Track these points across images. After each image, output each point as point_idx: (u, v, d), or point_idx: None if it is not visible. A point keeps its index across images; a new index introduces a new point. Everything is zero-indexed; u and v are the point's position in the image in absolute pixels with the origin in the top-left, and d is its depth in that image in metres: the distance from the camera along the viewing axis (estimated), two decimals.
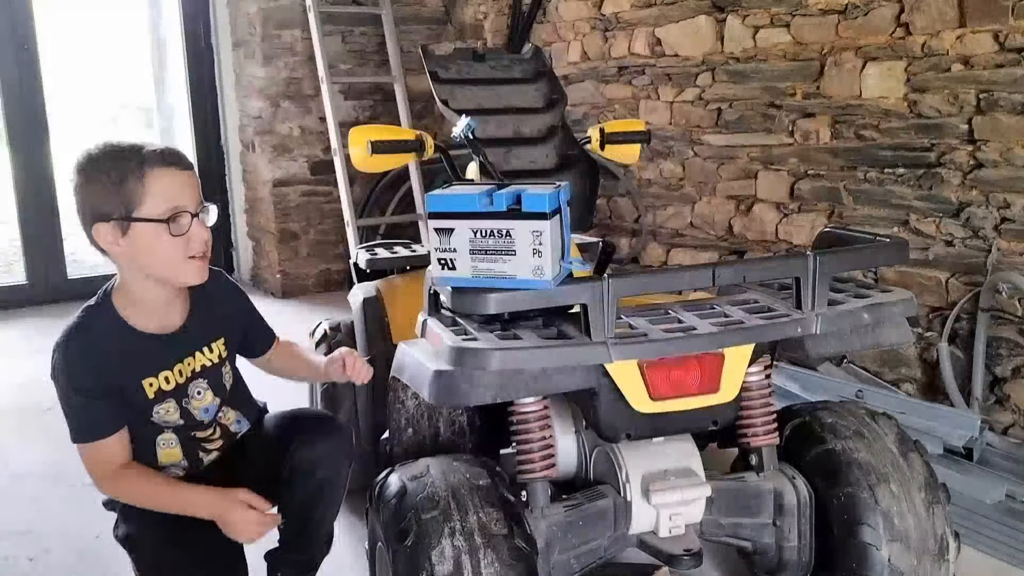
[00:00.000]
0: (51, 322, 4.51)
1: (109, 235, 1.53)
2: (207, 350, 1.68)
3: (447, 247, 1.35)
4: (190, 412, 1.66)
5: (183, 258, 1.55)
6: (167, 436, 1.65)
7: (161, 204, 1.52)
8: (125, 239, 1.53)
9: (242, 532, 1.57)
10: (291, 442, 1.71)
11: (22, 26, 4.62)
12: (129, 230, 1.52)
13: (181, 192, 1.54)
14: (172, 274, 1.58)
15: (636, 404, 1.44)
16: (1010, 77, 2.52)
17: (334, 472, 1.75)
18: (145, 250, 1.54)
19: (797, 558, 1.70)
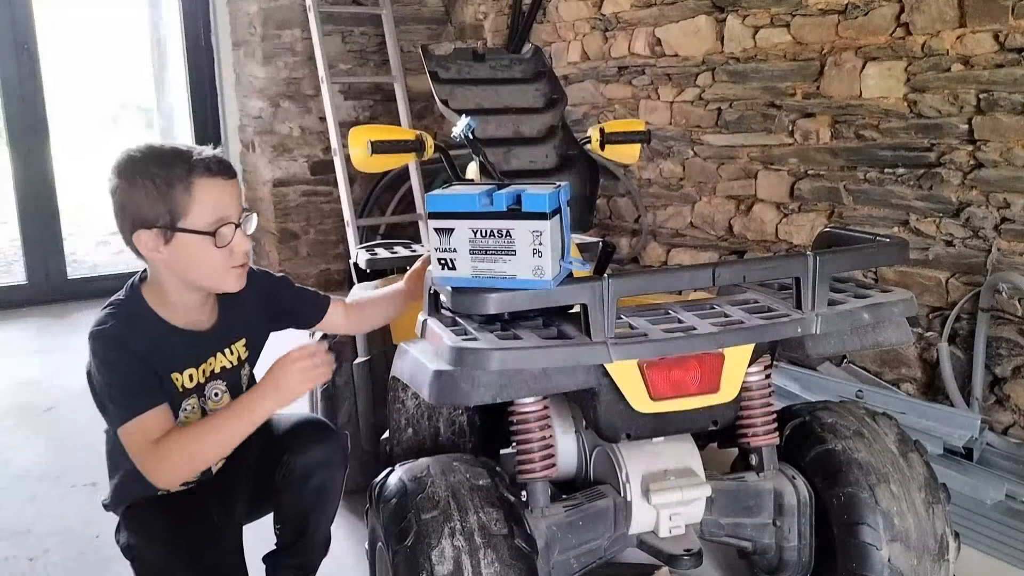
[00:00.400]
0: (51, 322, 4.52)
1: (151, 242, 1.51)
2: (228, 351, 1.67)
3: (447, 247, 1.35)
4: (207, 412, 1.65)
5: (226, 268, 1.55)
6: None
7: (208, 215, 1.50)
8: (167, 247, 1.52)
9: (302, 384, 1.52)
10: (285, 449, 1.71)
11: (22, 26, 4.62)
12: (172, 239, 1.51)
13: (227, 203, 1.53)
14: (212, 284, 1.58)
15: (636, 404, 1.44)
16: (1010, 77, 2.52)
17: (329, 478, 1.75)
18: (187, 260, 1.53)
19: (797, 558, 1.70)
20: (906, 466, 1.63)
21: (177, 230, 1.50)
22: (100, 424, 1.67)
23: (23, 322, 4.55)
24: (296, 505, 1.77)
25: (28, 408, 3.30)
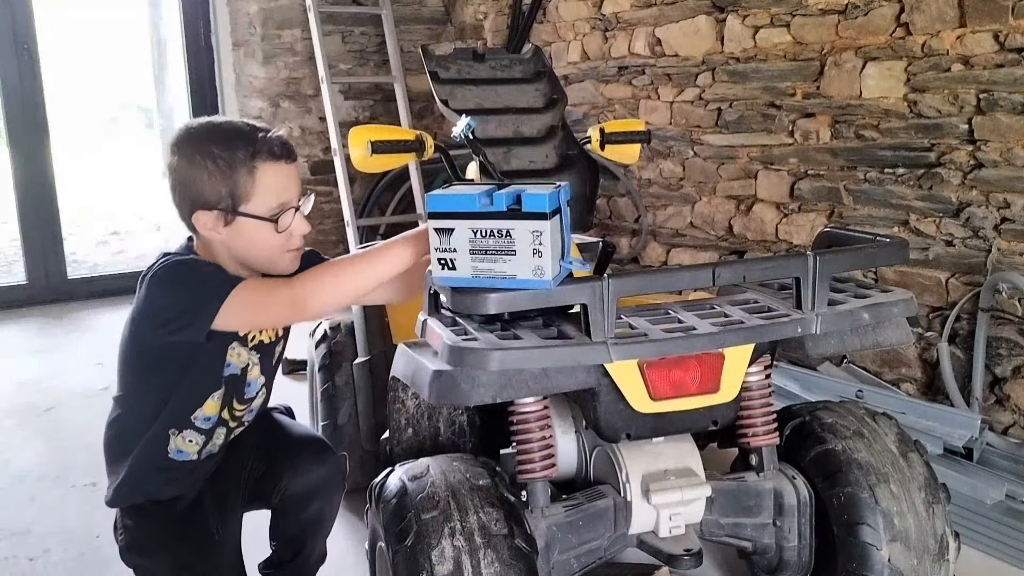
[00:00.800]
0: (51, 322, 4.52)
1: (210, 223, 1.49)
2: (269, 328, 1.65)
3: (447, 247, 1.35)
4: (243, 378, 1.64)
5: (283, 251, 1.54)
6: (217, 394, 1.61)
7: (270, 200, 1.48)
8: (226, 229, 1.49)
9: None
10: (284, 471, 1.71)
11: (22, 26, 4.62)
12: (233, 222, 1.48)
13: (288, 187, 1.51)
14: (267, 266, 1.56)
15: (636, 404, 1.44)
16: (1010, 77, 2.52)
17: (326, 504, 1.77)
18: (246, 242, 1.51)
19: (797, 558, 1.70)
20: (906, 466, 1.63)
21: (239, 214, 1.47)
22: (100, 424, 1.68)
23: (23, 322, 4.55)
24: (293, 528, 1.78)
25: (28, 408, 3.30)
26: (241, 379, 1.65)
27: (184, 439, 1.63)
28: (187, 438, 1.64)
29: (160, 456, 1.63)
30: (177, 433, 1.63)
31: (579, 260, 1.59)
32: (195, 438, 1.64)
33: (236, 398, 1.66)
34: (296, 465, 1.72)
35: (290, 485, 1.70)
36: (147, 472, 1.63)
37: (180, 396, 1.60)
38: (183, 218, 1.53)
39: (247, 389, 1.67)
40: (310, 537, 1.79)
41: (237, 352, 1.61)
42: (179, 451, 1.64)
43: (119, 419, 1.67)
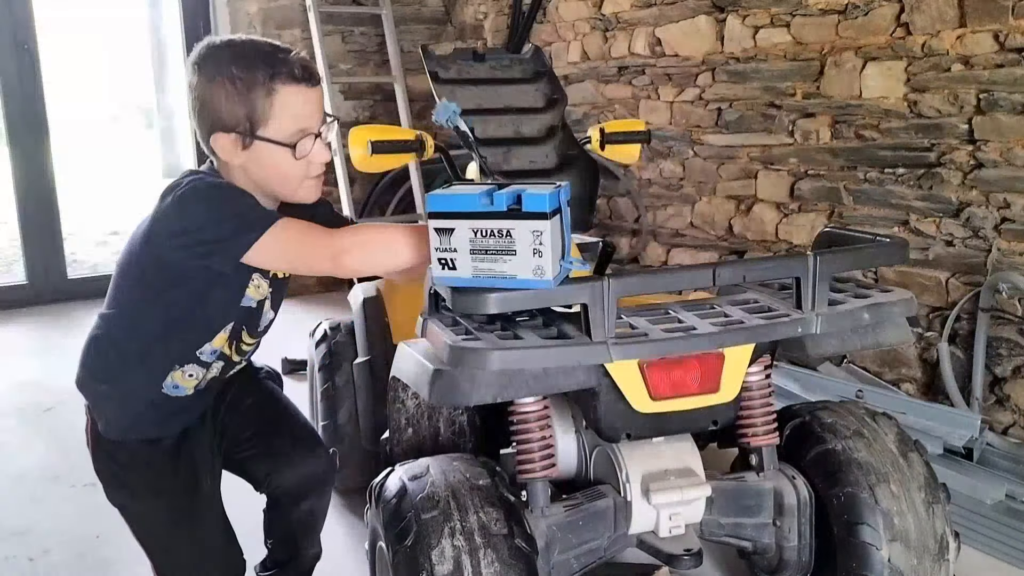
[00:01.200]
0: (51, 322, 4.52)
1: (228, 146, 1.45)
2: None
3: (447, 247, 1.35)
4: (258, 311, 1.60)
5: (301, 179, 1.48)
6: (230, 326, 1.58)
7: (289, 125, 1.43)
8: (245, 153, 1.45)
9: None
10: (278, 461, 1.70)
11: (22, 26, 4.62)
12: (251, 146, 1.44)
13: (309, 112, 1.45)
14: (286, 193, 1.51)
15: (636, 404, 1.44)
16: (1010, 77, 2.52)
17: (317, 500, 1.77)
18: (264, 168, 1.46)
19: (797, 558, 1.70)
20: (906, 466, 1.63)
21: (256, 138, 1.43)
22: None
23: (23, 322, 4.55)
24: (285, 527, 1.79)
25: (28, 408, 3.30)
26: (256, 312, 1.59)
27: (184, 374, 1.58)
28: (187, 372, 1.58)
29: (154, 390, 1.58)
30: (179, 367, 1.57)
31: (579, 260, 1.59)
32: (195, 372, 1.59)
33: (248, 331, 1.61)
34: (291, 458, 1.71)
35: (283, 478, 1.69)
36: (137, 407, 1.59)
37: (191, 327, 1.54)
38: (202, 140, 1.48)
39: (260, 322, 1.62)
40: (303, 536, 1.80)
41: (257, 284, 1.55)
42: (175, 386, 1.59)
43: (105, 338, 1.60)
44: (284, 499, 1.74)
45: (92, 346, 1.63)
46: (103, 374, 1.62)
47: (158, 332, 1.55)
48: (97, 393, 1.63)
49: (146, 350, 1.57)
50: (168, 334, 1.55)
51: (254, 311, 1.60)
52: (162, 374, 1.58)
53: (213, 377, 1.65)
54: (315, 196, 1.54)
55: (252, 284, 1.56)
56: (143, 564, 1.96)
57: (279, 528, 1.80)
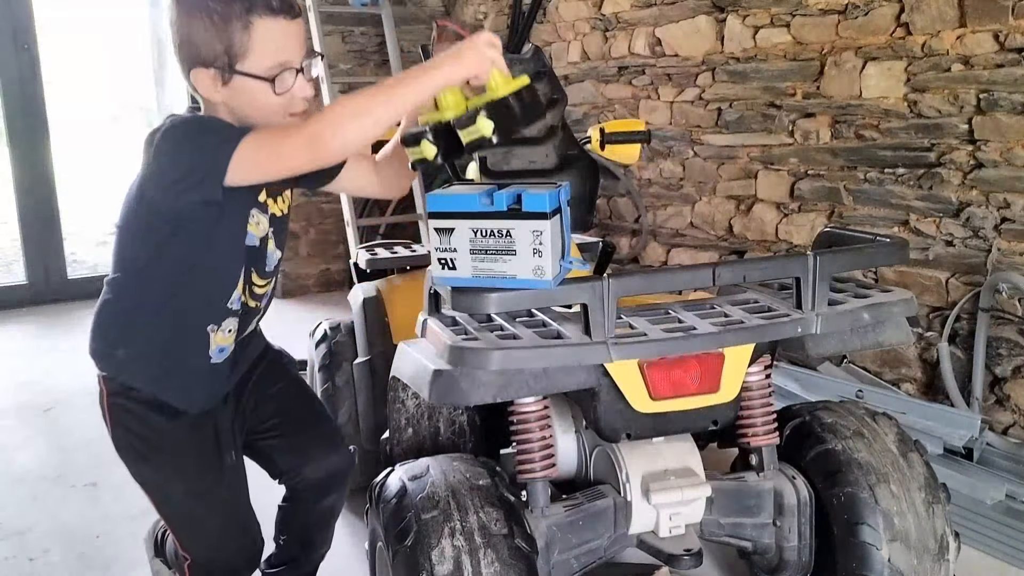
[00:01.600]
0: (51, 322, 4.52)
1: (208, 82, 1.42)
2: (280, 199, 1.58)
3: (447, 247, 1.35)
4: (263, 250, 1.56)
5: (283, 115, 1.44)
6: (243, 272, 1.54)
7: (267, 59, 1.40)
8: (225, 89, 1.42)
9: (480, 62, 1.41)
10: (305, 455, 1.71)
11: (22, 26, 4.62)
12: (230, 81, 1.41)
13: (289, 46, 1.41)
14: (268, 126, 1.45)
15: (636, 404, 1.44)
16: (1010, 77, 2.52)
17: (339, 495, 1.78)
18: (245, 104, 1.44)
19: (797, 558, 1.70)
20: (906, 466, 1.63)
21: (235, 73, 1.40)
22: (100, 424, 1.66)
23: (23, 322, 4.55)
24: (304, 522, 1.79)
25: (28, 408, 3.30)
26: (261, 250, 1.56)
27: (224, 332, 1.53)
28: (226, 328, 1.54)
29: (203, 363, 1.54)
30: (217, 328, 1.53)
31: (579, 260, 1.59)
32: (233, 325, 1.54)
33: (257, 272, 1.57)
34: (319, 452, 1.71)
35: (310, 471, 1.70)
36: (159, 371, 1.54)
37: (207, 278, 1.50)
38: (184, 77, 1.46)
39: (267, 262, 1.59)
40: (319, 532, 1.80)
41: (257, 221, 1.52)
42: (220, 349, 1.55)
43: (115, 302, 1.56)
44: (306, 493, 1.74)
45: (103, 312, 1.57)
46: (118, 338, 1.56)
47: (168, 289, 1.51)
48: (114, 358, 1.57)
49: (157, 304, 1.52)
50: (183, 290, 1.50)
51: (259, 250, 1.55)
52: (205, 341, 1.52)
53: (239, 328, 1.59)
54: None
55: (252, 221, 1.51)
56: (143, 565, 1.97)
57: (297, 523, 1.80)
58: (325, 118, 1.36)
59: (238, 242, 1.50)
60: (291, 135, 1.37)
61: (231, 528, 1.66)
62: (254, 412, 1.71)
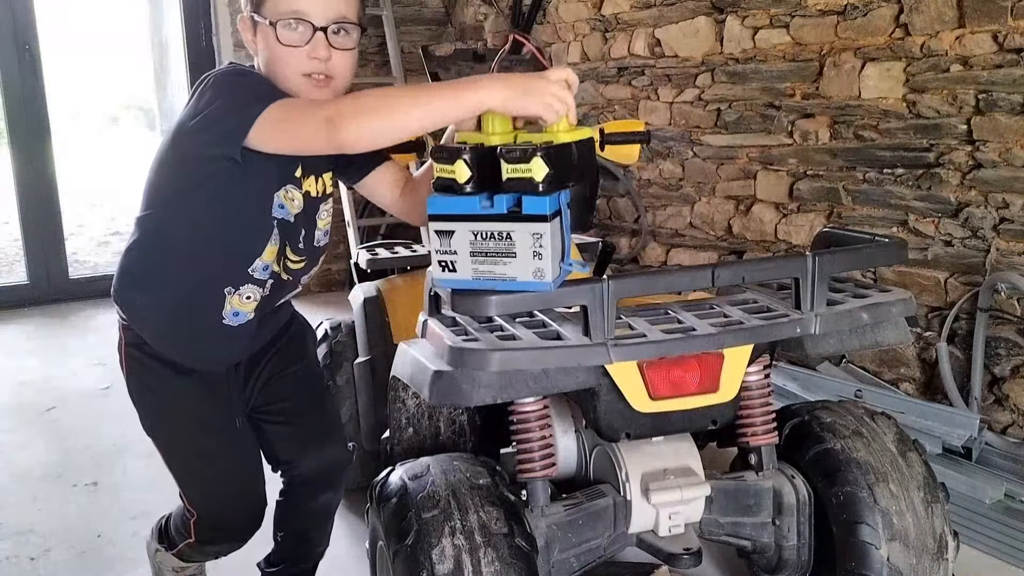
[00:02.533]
0: (52, 322, 4.53)
1: (246, 29, 1.47)
2: (316, 179, 1.58)
3: (447, 249, 1.35)
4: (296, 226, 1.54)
5: (296, 73, 1.43)
6: (274, 237, 1.52)
7: (280, 6, 1.41)
8: (256, 36, 1.46)
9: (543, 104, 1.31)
10: (307, 446, 1.71)
11: (24, 27, 4.63)
12: (257, 28, 1.44)
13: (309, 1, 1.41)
14: (288, 85, 1.44)
15: (636, 404, 1.44)
16: (1009, 77, 2.52)
17: (335, 494, 1.79)
18: (264, 54, 1.45)
19: (796, 557, 1.70)
20: (905, 465, 1.64)
21: (254, 15, 1.44)
22: (102, 424, 1.68)
23: (25, 322, 4.55)
24: (301, 517, 1.79)
25: (29, 408, 3.31)
26: (294, 227, 1.55)
27: (242, 296, 1.52)
28: (245, 295, 1.53)
29: (214, 323, 1.53)
30: (234, 291, 1.52)
31: (579, 261, 1.59)
32: (253, 293, 1.53)
33: (291, 247, 1.56)
34: (320, 444, 1.72)
35: (308, 463, 1.71)
36: (193, 340, 1.55)
37: (227, 235, 1.49)
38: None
39: (299, 239, 1.57)
40: (316, 528, 1.80)
41: (291, 196, 1.51)
42: (235, 312, 1.53)
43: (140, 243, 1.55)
44: (303, 488, 1.74)
45: (129, 252, 1.57)
46: (139, 281, 1.56)
47: (191, 237, 1.50)
48: (133, 303, 1.57)
49: (186, 261, 1.51)
50: (203, 246, 1.50)
51: (291, 224, 1.54)
52: (220, 303, 1.51)
53: (266, 297, 1.57)
54: (317, 97, 1.46)
55: (285, 195, 1.50)
56: (144, 563, 1.97)
57: (294, 520, 1.80)
58: (345, 104, 1.34)
59: (265, 211, 1.49)
60: (311, 112, 1.35)
61: (234, 489, 1.67)
62: (263, 390, 1.70)
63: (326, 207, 1.63)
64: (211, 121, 1.38)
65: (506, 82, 1.32)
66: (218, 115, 1.37)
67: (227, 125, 1.36)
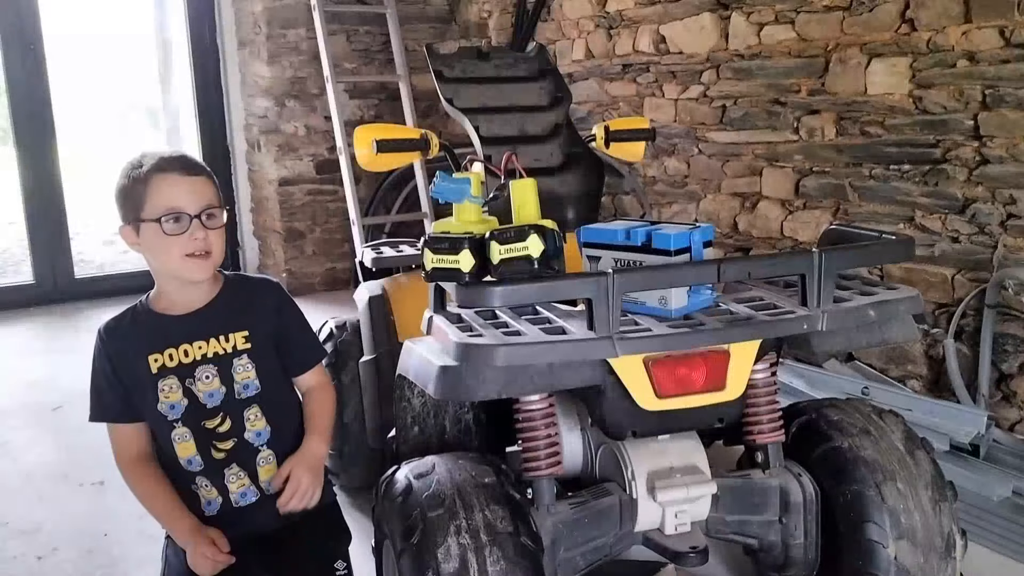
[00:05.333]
0: (58, 321, 4.54)
1: (130, 237, 1.68)
2: (223, 339, 1.71)
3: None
4: (195, 394, 1.69)
5: (180, 256, 1.64)
6: (181, 430, 1.69)
7: (159, 205, 1.62)
8: (139, 238, 1.66)
9: (196, 567, 1.66)
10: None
11: (28, 27, 4.63)
12: (140, 230, 1.65)
13: (178, 195, 1.63)
14: (175, 269, 1.67)
15: (642, 402, 1.44)
16: (1016, 73, 2.51)
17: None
18: (150, 248, 1.66)
19: (803, 555, 1.70)
20: (912, 464, 1.63)
21: (138, 221, 1.64)
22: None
23: (31, 322, 4.56)
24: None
25: (36, 407, 3.32)
26: (195, 407, 1.69)
27: (204, 488, 1.72)
28: (202, 484, 1.72)
29: (199, 514, 1.71)
30: (195, 486, 1.72)
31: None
32: (205, 481, 1.72)
33: (204, 421, 1.70)
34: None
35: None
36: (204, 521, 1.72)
37: (157, 440, 1.73)
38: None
39: (206, 402, 1.69)
40: None
41: (168, 385, 1.69)
42: (208, 503, 1.72)
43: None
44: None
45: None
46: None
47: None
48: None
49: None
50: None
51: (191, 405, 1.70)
52: (193, 497, 1.73)
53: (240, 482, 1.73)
54: (202, 274, 1.68)
55: (163, 389, 1.70)
56: (151, 563, 1.97)
57: None
58: (126, 476, 1.76)
59: (154, 414, 1.71)
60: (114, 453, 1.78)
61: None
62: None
63: (242, 363, 1.73)
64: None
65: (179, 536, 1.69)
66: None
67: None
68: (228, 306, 1.73)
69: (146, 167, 1.64)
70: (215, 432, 1.70)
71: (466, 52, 2.50)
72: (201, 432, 1.69)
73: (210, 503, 1.72)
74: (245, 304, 1.74)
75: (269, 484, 1.72)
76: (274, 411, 1.75)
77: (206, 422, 1.70)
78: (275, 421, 1.74)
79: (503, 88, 2.43)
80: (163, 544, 1.78)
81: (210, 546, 1.64)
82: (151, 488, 1.72)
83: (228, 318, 1.72)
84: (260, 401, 1.73)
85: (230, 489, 1.72)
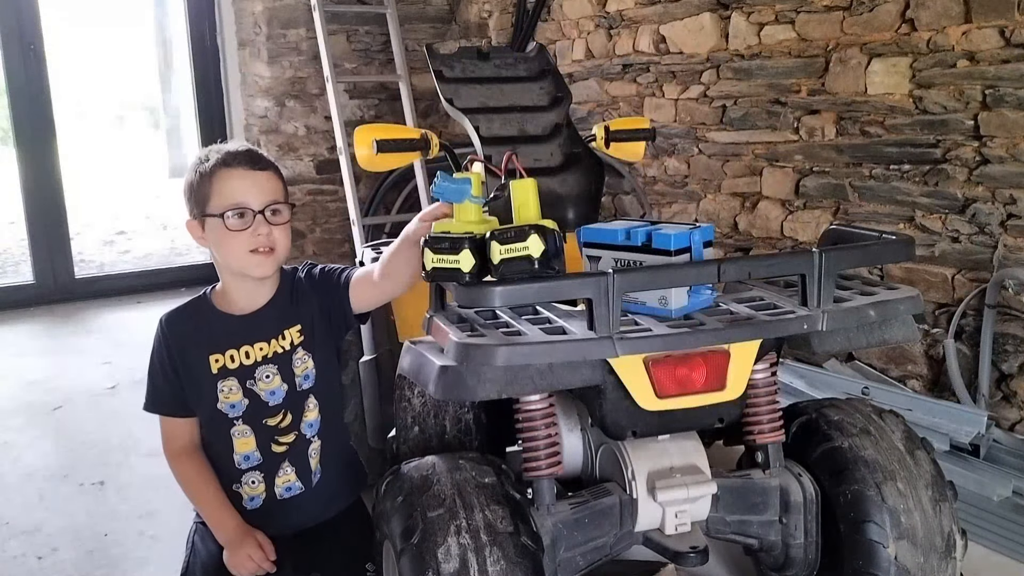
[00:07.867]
0: (59, 321, 4.54)
1: (195, 231, 1.72)
2: (280, 337, 1.74)
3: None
4: (256, 394, 1.71)
5: (244, 252, 1.66)
6: (241, 427, 1.72)
7: (224, 201, 1.65)
8: (205, 234, 1.70)
9: (236, 567, 1.69)
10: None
11: (29, 27, 4.63)
12: (205, 225, 1.69)
13: (242, 190, 1.66)
14: (238, 266, 1.70)
15: (642, 402, 1.44)
16: (1016, 72, 2.51)
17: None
18: (215, 243, 1.70)
19: (803, 555, 1.70)
20: (913, 463, 1.63)
21: (203, 215, 1.67)
22: (108, 423, 1.70)
23: (31, 321, 4.56)
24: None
25: (36, 407, 3.31)
26: (257, 406, 1.72)
27: (248, 485, 1.75)
28: (249, 481, 1.76)
29: (241, 510, 1.74)
30: (239, 485, 1.76)
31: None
32: (255, 477, 1.75)
33: (265, 418, 1.73)
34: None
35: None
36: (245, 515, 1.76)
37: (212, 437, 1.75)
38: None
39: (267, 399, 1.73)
40: None
41: (228, 387, 1.72)
42: (251, 499, 1.75)
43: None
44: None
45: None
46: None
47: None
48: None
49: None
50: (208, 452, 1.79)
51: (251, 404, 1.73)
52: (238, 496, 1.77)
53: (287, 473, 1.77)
54: (263, 271, 1.71)
55: (220, 392, 1.73)
56: (152, 562, 1.98)
57: None
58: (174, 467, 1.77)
59: (212, 412, 1.74)
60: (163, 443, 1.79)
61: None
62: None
63: (299, 356, 1.77)
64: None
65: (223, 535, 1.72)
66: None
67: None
68: (284, 302, 1.77)
69: (212, 162, 1.65)
70: (277, 428, 1.74)
71: (466, 52, 2.50)
72: (262, 429, 1.72)
73: (253, 499, 1.74)
74: (293, 296, 1.78)
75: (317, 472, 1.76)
76: (326, 400, 1.79)
77: (268, 420, 1.73)
78: (326, 410, 1.79)
79: (503, 88, 2.43)
80: (191, 529, 1.79)
81: (258, 550, 1.65)
82: (199, 481, 1.73)
83: (284, 314, 1.75)
84: (315, 390, 1.77)
85: (276, 483, 1.74)
